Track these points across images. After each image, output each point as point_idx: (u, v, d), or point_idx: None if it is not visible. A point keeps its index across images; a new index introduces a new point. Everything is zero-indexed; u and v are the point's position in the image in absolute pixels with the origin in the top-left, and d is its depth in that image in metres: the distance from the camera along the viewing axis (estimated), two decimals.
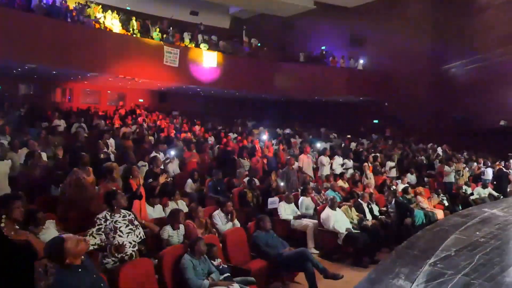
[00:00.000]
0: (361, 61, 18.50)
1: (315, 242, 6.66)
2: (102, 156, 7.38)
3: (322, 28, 19.77)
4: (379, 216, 7.27)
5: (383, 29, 17.71)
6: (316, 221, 6.77)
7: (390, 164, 10.99)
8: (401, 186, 8.92)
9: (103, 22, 13.97)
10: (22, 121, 11.05)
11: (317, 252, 6.47)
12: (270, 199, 7.11)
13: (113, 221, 3.80)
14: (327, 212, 6.48)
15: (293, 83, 17.60)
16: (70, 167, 5.96)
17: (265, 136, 13.46)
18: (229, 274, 4.38)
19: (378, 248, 6.63)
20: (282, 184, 8.15)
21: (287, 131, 16.87)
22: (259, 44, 19.28)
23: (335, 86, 17.66)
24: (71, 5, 13.68)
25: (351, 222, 6.62)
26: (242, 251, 5.17)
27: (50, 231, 4.42)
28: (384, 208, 7.65)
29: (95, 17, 13.93)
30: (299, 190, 7.89)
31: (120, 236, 3.77)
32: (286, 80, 17.48)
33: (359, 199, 7.32)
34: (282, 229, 6.55)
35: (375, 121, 19.54)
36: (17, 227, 3.09)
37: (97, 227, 3.71)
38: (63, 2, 13.35)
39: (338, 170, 10.21)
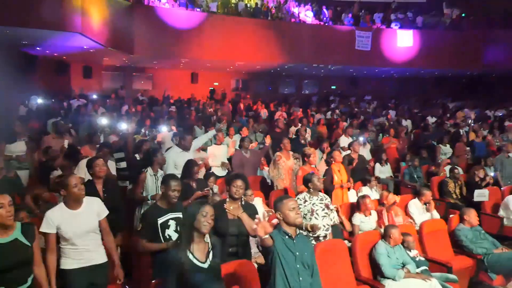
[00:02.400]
0: None
1: None
2: (302, 142, 7.96)
3: None
4: None
5: None
6: None
7: None
8: None
9: (298, 15, 14.86)
10: (234, 110, 12.98)
11: None
12: (477, 191, 6.29)
13: (311, 203, 4.12)
14: None
15: (508, 54, 14.78)
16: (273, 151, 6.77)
17: (471, 119, 11.87)
18: (426, 267, 4.17)
19: None
20: (492, 174, 7.09)
21: (500, 113, 14.36)
22: (463, 15, 16.88)
23: None
24: (271, 4, 15.07)
25: None
26: (442, 245, 4.79)
27: (258, 207, 5.15)
28: None
29: (292, 12, 14.94)
30: None
31: (316, 218, 4.04)
32: (499, 52, 14.81)
33: None
34: (492, 226, 5.75)
35: None
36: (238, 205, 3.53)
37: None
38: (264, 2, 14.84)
39: None
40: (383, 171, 7.77)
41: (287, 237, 2.74)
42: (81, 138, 7.71)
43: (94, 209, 3.07)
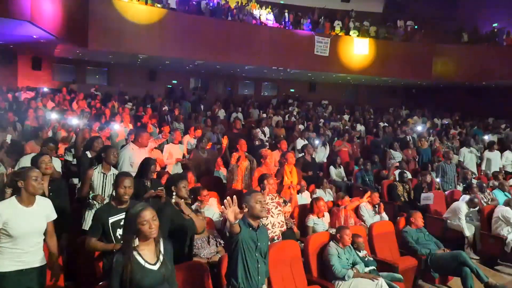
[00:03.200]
0: None
1: (476, 246, 5.96)
2: (256, 143, 8.00)
3: (493, 1, 16.99)
4: None
5: None
6: (478, 223, 6.06)
7: None
8: None
9: (259, 18, 14.96)
10: (192, 110, 12.82)
11: (477, 258, 5.79)
12: (423, 194, 6.63)
13: (265, 202, 4.16)
14: (497, 212, 5.74)
15: (455, 67, 15.75)
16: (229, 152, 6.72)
17: (420, 127, 12.49)
18: (374, 267, 4.32)
19: None
20: (438, 179, 7.50)
21: (446, 121, 15.26)
22: (415, 27, 17.78)
23: (509, 69, 15.07)
24: (232, 4, 15.04)
25: None
26: (390, 246, 4.99)
27: (212, 207, 5.10)
28: None
29: (253, 13, 15.01)
30: (459, 187, 7.14)
31: (272, 216, 4.10)
32: (447, 64, 15.75)
33: None
34: (436, 228, 6.06)
35: None
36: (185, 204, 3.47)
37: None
38: (225, 2, 14.79)
39: (510, 167, 8.82)
40: (337, 173, 7.99)
41: (250, 228, 2.94)
42: (26, 133, 7.29)
43: (45, 210, 2.91)
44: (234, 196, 2.76)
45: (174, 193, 3.38)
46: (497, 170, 8.45)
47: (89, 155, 5.10)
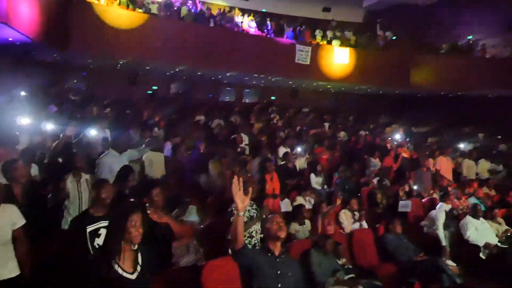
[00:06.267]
0: None
1: (453, 253, 6.08)
2: (239, 150, 7.98)
3: (471, 15, 17.57)
4: None
5: None
6: (454, 230, 6.17)
7: None
8: None
9: (241, 25, 15.02)
10: (174, 116, 12.68)
11: (454, 264, 5.90)
12: (401, 202, 6.72)
13: (247, 210, 4.13)
14: (466, 221, 5.88)
15: (432, 77, 16.14)
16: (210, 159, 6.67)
17: (398, 135, 12.73)
18: (354, 275, 4.34)
19: None
20: (415, 187, 7.64)
21: (423, 129, 15.60)
22: (394, 38, 18.19)
23: (484, 79, 15.57)
24: (214, 11, 15.06)
25: (497, 236, 5.86)
26: (369, 253, 5.04)
27: (192, 215, 5.04)
28: None
29: (235, 21, 15.05)
30: (436, 195, 7.28)
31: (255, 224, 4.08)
32: (425, 74, 16.13)
33: None
34: (414, 235, 6.14)
35: None
36: (161, 211, 3.35)
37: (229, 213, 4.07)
38: (207, 9, 14.79)
39: (485, 175, 9.06)
40: (318, 181, 8.03)
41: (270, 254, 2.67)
42: None
43: (8, 217, 2.79)
44: (241, 178, 2.56)
45: (147, 204, 3.30)
46: (472, 178, 8.68)
47: (60, 161, 4.98)
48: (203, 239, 4.15)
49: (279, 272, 2.60)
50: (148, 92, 16.54)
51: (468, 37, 17.62)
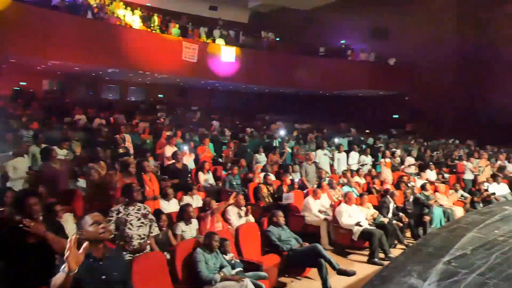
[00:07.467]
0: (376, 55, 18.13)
1: (331, 238, 6.64)
2: (121, 150, 7.53)
3: (343, 21, 19.48)
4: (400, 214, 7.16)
5: (406, 21, 17.33)
6: (330, 217, 6.75)
7: (409, 160, 10.80)
8: (420, 182, 8.76)
9: (124, 18, 14.20)
10: (47, 116, 11.40)
11: (331, 248, 6.45)
12: (285, 195, 7.11)
13: (126, 214, 3.90)
14: (340, 207, 6.49)
15: (312, 77, 17.45)
16: (89, 162, 6.14)
17: (282, 131, 13.44)
18: (241, 269, 4.42)
19: (394, 245, 6.60)
20: (296, 180, 8.15)
21: (305, 126, 16.78)
22: (277, 39, 19.17)
23: (355, 80, 17.43)
24: (92, 2, 13.95)
25: (367, 219, 6.57)
26: (255, 246, 5.19)
27: (68, 224, 4.57)
28: (401, 205, 7.53)
29: (116, 14, 14.16)
30: (315, 185, 7.88)
31: (129, 229, 3.85)
32: (306, 74, 17.36)
33: (388, 196, 7.20)
34: (296, 224, 6.55)
35: (395, 116, 19.21)
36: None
37: (107, 218, 3.79)
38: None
39: (355, 166, 10.10)
40: (206, 179, 8.02)
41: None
42: None
43: None
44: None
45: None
46: (345, 169, 9.60)
47: None
48: None
49: (103, 277, 2.45)
50: (14, 88, 14.64)
51: (341, 42, 19.50)
